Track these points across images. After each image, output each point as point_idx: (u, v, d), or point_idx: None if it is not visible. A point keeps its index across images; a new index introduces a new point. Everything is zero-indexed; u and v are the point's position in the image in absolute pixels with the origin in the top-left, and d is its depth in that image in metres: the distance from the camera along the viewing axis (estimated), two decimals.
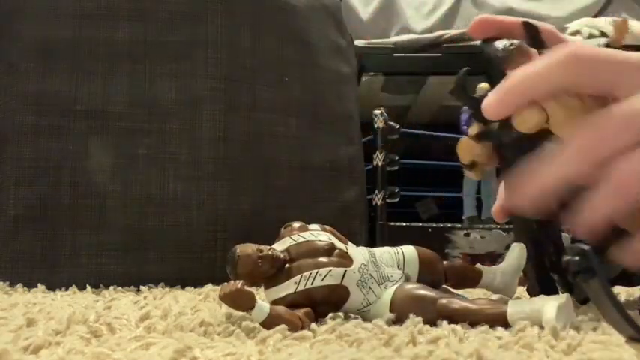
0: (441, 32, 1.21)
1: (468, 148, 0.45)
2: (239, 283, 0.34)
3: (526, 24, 0.46)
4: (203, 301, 0.48)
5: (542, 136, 0.39)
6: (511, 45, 0.42)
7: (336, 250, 0.39)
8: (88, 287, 0.58)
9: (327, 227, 0.42)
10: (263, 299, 0.36)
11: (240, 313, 0.37)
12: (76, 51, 0.65)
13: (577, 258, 0.27)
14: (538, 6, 1.72)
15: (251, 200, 0.68)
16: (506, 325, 0.34)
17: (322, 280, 0.37)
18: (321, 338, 0.31)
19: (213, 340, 0.32)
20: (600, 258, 0.34)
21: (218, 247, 0.65)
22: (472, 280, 0.45)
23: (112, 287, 0.59)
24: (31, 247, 0.61)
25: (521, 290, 0.51)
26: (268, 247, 0.38)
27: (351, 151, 0.79)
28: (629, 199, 0.31)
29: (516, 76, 0.35)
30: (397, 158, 0.91)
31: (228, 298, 0.34)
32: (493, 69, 0.45)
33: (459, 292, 0.44)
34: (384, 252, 0.42)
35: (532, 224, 0.44)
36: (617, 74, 0.32)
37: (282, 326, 0.33)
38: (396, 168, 0.92)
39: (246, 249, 0.37)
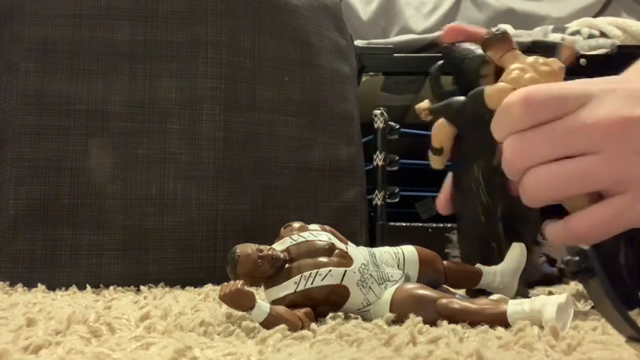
0: (441, 32, 1.21)
1: (443, 131, 0.48)
2: (239, 283, 0.34)
3: (491, 33, 0.48)
4: (203, 301, 0.48)
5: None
6: (497, 30, 0.45)
7: (336, 250, 0.39)
8: (88, 287, 0.58)
9: (327, 227, 0.42)
10: (263, 299, 0.36)
11: (240, 313, 0.37)
12: (76, 51, 0.65)
13: (577, 258, 0.27)
14: (538, 6, 1.72)
15: (251, 200, 0.68)
16: (506, 325, 0.34)
17: (322, 280, 0.37)
18: (321, 338, 0.31)
19: (213, 340, 0.32)
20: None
21: (218, 247, 0.65)
22: (472, 280, 0.45)
23: (112, 287, 0.59)
24: (31, 247, 0.61)
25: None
26: (268, 247, 0.39)
27: (351, 151, 0.79)
28: (533, 202, 0.40)
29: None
30: (397, 158, 0.91)
31: (228, 298, 0.34)
32: (463, 69, 0.47)
33: (459, 292, 0.44)
34: (384, 252, 0.42)
35: (479, 218, 0.48)
36: (561, 104, 0.39)
37: (282, 326, 0.33)
38: (396, 168, 0.92)
39: (246, 249, 0.37)
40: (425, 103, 0.49)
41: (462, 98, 0.47)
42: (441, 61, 0.50)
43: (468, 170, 0.48)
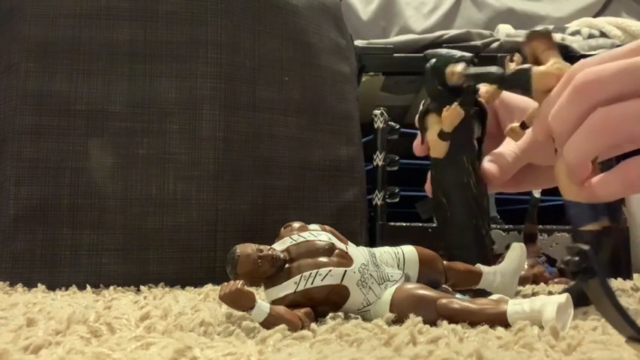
0: (441, 32, 1.21)
1: (458, 115, 0.50)
2: (239, 283, 0.34)
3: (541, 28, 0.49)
4: (203, 301, 0.48)
5: None
6: (544, 28, 0.46)
7: (336, 250, 0.39)
8: (88, 287, 0.58)
9: (327, 227, 0.42)
10: (263, 299, 0.36)
11: (240, 313, 0.37)
12: (76, 51, 0.65)
13: (577, 258, 0.27)
14: (538, 6, 1.72)
15: (251, 200, 0.68)
16: (506, 325, 0.34)
17: (322, 280, 0.37)
18: (321, 338, 0.31)
19: (213, 340, 0.32)
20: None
21: (218, 247, 0.65)
22: (472, 280, 0.45)
23: (112, 287, 0.59)
24: (31, 247, 0.61)
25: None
26: (268, 247, 0.38)
27: (351, 151, 0.79)
28: (599, 141, 0.37)
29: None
30: (397, 158, 0.91)
31: (228, 298, 0.34)
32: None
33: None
34: (384, 252, 0.42)
35: (472, 209, 0.50)
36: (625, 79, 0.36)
37: (282, 326, 0.33)
38: (396, 168, 0.92)
39: (246, 249, 0.37)
40: (459, 66, 0.49)
41: (500, 69, 0.48)
42: (434, 60, 0.52)
43: (456, 162, 0.51)
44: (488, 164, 0.52)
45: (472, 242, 0.50)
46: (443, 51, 0.52)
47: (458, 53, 0.51)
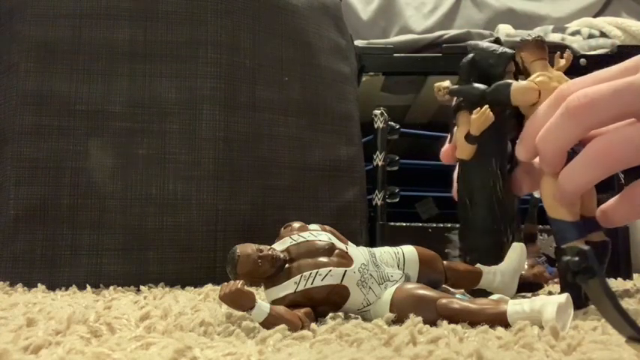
0: (440, 32, 1.21)
1: (488, 120, 0.48)
2: (239, 283, 0.34)
3: (533, 37, 0.49)
4: (203, 301, 0.48)
5: None
6: (537, 36, 0.46)
7: (336, 250, 0.39)
8: (88, 287, 0.58)
9: (327, 227, 0.42)
10: (263, 299, 0.36)
11: (240, 313, 0.37)
12: (76, 51, 0.65)
13: (577, 258, 0.27)
14: (538, 6, 1.72)
15: (251, 200, 0.68)
16: (506, 325, 0.34)
17: (322, 280, 0.37)
18: (321, 338, 0.31)
19: (213, 340, 0.32)
20: None
21: (218, 247, 0.65)
22: (472, 280, 0.45)
23: (112, 287, 0.59)
24: (31, 247, 0.61)
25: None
26: (268, 247, 0.38)
27: (351, 151, 0.79)
28: (600, 170, 0.37)
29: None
30: (397, 158, 0.91)
31: (228, 298, 0.33)
32: (490, 64, 0.48)
33: (459, 292, 0.44)
34: (384, 252, 0.42)
35: (495, 212, 0.49)
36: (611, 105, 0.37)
37: (282, 326, 0.33)
38: (396, 168, 0.92)
39: (246, 249, 0.37)
40: (445, 82, 0.49)
41: (483, 86, 0.47)
42: (472, 54, 0.50)
43: (485, 164, 0.49)
44: (521, 175, 0.50)
45: (490, 246, 0.48)
46: (483, 45, 0.50)
47: (499, 48, 0.49)
